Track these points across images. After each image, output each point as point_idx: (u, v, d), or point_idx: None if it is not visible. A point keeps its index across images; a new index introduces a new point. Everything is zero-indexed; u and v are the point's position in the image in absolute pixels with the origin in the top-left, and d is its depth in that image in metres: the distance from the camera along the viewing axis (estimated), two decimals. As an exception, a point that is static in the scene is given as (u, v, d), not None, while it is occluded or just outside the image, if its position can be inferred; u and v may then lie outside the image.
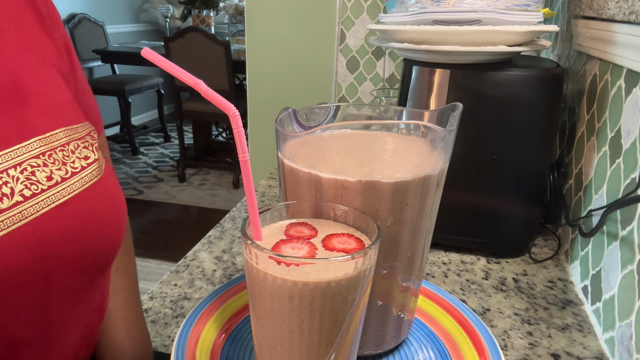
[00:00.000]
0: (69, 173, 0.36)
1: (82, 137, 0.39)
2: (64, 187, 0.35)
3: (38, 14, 0.41)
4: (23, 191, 0.33)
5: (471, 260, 0.71)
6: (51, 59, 0.41)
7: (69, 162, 0.37)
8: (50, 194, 0.34)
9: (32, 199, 0.33)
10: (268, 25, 1.56)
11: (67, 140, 0.38)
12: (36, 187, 0.34)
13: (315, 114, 0.46)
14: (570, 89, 0.79)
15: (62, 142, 0.37)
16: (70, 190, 0.36)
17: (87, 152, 0.39)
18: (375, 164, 0.42)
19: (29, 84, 0.37)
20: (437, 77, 0.66)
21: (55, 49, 0.42)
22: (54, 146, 0.36)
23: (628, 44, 0.55)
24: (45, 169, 0.35)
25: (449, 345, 0.46)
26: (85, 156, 0.39)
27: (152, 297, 0.60)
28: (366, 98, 1.53)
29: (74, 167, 0.37)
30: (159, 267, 2.45)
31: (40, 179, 0.34)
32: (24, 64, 0.37)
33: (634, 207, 0.50)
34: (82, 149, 0.39)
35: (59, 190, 0.35)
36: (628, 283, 0.49)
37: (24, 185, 0.33)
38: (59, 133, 0.37)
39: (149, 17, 4.80)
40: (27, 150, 0.34)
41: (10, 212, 0.32)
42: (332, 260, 0.31)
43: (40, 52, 0.40)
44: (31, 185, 0.33)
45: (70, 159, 0.37)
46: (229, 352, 0.44)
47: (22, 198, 0.33)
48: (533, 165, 0.68)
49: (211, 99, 0.32)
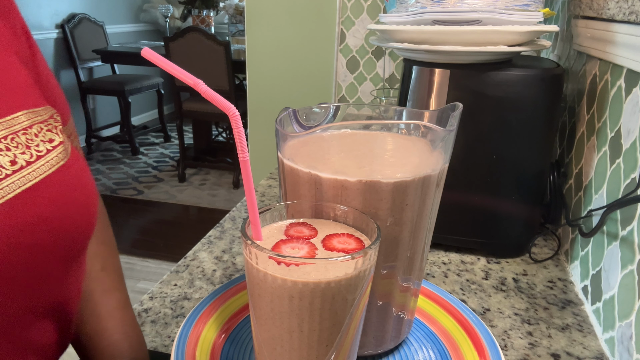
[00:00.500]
0: (34, 157, 0.35)
1: (45, 120, 0.38)
2: (29, 171, 0.34)
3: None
4: None
5: (471, 260, 0.71)
6: (8, 42, 0.39)
7: (33, 146, 0.35)
8: (15, 178, 0.33)
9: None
10: (268, 25, 1.56)
11: (29, 123, 0.36)
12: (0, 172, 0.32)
13: (315, 114, 0.46)
14: (570, 89, 0.79)
15: (24, 126, 0.36)
16: (36, 174, 0.35)
17: (52, 135, 0.38)
18: (375, 164, 0.42)
19: None
20: (437, 77, 0.66)
21: (12, 33, 0.41)
22: (15, 129, 0.35)
23: (628, 44, 0.55)
24: (9, 153, 0.33)
25: (449, 345, 0.46)
26: (50, 139, 0.37)
27: (152, 297, 0.60)
28: (366, 98, 1.53)
29: (38, 150, 0.36)
30: (159, 267, 2.45)
31: (3, 164, 0.33)
32: None
33: (634, 207, 0.50)
34: (45, 132, 0.37)
35: (25, 175, 0.34)
36: (628, 283, 0.49)
37: None
38: (20, 116, 0.36)
39: (149, 17, 4.80)
40: None
41: None
42: (332, 260, 0.31)
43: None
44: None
45: (35, 142, 0.36)
46: (229, 352, 0.44)
47: None
48: (533, 165, 0.68)
49: (211, 99, 0.32)
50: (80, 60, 3.92)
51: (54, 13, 3.80)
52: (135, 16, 4.80)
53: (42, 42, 3.69)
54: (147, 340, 0.52)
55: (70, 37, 3.83)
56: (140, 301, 0.59)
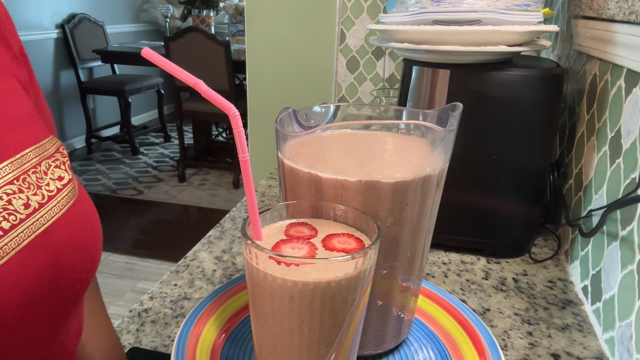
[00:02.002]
0: (45, 197, 0.33)
1: (52, 154, 0.36)
2: (42, 214, 0.32)
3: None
4: (2, 224, 0.29)
5: (471, 260, 0.71)
6: (9, 67, 0.37)
7: (43, 185, 0.33)
8: (29, 223, 0.31)
9: (12, 231, 0.30)
10: (268, 25, 1.56)
11: (37, 160, 0.34)
12: (14, 217, 0.30)
13: (315, 114, 0.46)
14: (570, 89, 0.79)
15: (33, 164, 0.34)
16: (48, 217, 0.33)
17: (60, 172, 0.36)
18: (375, 164, 0.42)
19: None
20: (437, 77, 0.66)
21: (12, 57, 0.38)
22: (26, 168, 0.33)
23: (628, 44, 0.55)
24: (22, 195, 0.31)
25: (449, 345, 0.46)
26: (59, 177, 0.35)
27: (152, 297, 0.60)
28: (366, 98, 1.53)
29: (49, 190, 0.34)
30: (159, 267, 2.45)
31: (17, 208, 0.31)
32: None
33: (634, 207, 0.50)
34: (54, 168, 0.35)
35: (38, 219, 0.32)
36: (628, 283, 0.49)
37: (2, 217, 0.29)
38: (29, 153, 0.34)
39: (149, 17, 4.80)
40: (0, 175, 0.31)
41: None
42: (332, 260, 0.31)
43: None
44: (9, 216, 0.30)
45: (44, 182, 0.34)
46: (229, 352, 0.44)
47: (1, 232, 0.29)
48: (533, 165, 0.68)
49: (211, 99, 0.32)
50: (80, 60, 3.93)
51: (54, 13, 3.80)
52: (135, 16, 4.80)
53: (42, 42, 3.70)
54: (147, 340, 0.52)
55: (70, 37, 3.83)
56: (140, 301, 0.59)
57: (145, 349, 0.50)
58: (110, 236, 2.72)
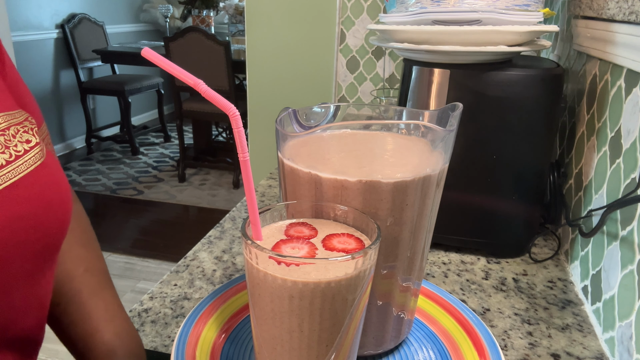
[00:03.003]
0: (13, 156, 0.36)
1: (21, 122, 0.40)
2: (8, 170, 0.35)
3: None
4: None
5: (471, 260, 0.71)
6: None
7: (11, 146, 0.37)
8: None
9: None
10: (268, 25, 1.56)
11: (6, 125, 0.38)
12: None
13: (315, 114, 0.46)
14: (570, 89, 0.79)
15: (2, 127, 0.37)
16: (15, 173, 0.36)
17: (28, 136, 0.39)
18: (375, 164, 0.42)
19: None
20: (437, 77, 0.66)
21: None
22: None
23: (628, 44, 0.55)
24: None
25: (449, 345, 0.46)
26: (27, 140, 0.39)
27: (152, 297, 0.60)
28: (366, 98, 1.53)
29: (17, 150, 0.37)
30: (159, 267, 2.45)
31: None
32: None
33: (634, 207, 0.50)
34: (22, 133, 0.39)
35: (5, 174, 0.35)
36: (628, 283, 0.49)
37: None
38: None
39: (149, 17, 4.80)
40: None
41: None
42: (332, 260, 0.31)
43: None
44: None
45: (13, 143, 0.37)
46: (229, 352, 0.44)
47: None
48: (533, 165, 0.68)
49: (211, 99, 0.32)
50: (80, 60, 3.92)
51: (54, 13, 3.80)
52: (135, 16, 4.80)
53: (42, 42, 3.70)
54: (147, 340, 0.52)
55: (70, 37, 3.83)
56: (140, 301, 0.59)
57: (146, 349, 0.50)
58: (110, 236, 2.72)
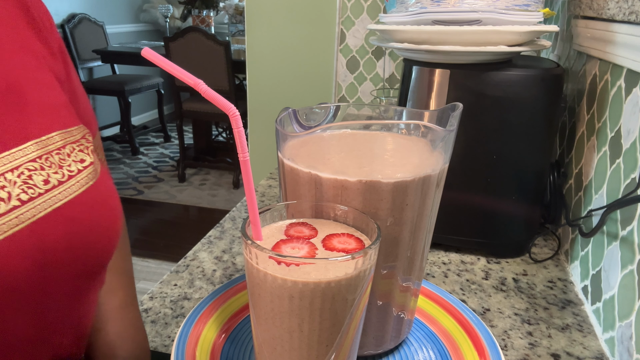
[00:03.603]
0: (66, 176, 0.36)
1: (77, 140, 0.39)
2: (60, 190, 0.35)
3: (30, 19, 0.40)
4: (20, 195, 0.32)
5: (471, 260, 0.71)
6: (46, 61, 0.40)
7: (65, 166, 0.36)
8: (47, 197, 0.34)
9: (29, 203, 0.33)
10: (268, 25, 1.56)
11: (62, 143, 0.37)
12: (33, 190, 0.33)
13: (315, 114, 0.46)
14: (570, 89, 0.79)
15: (58, 146, 0.37)
16: (66, 194, 0.35)
17: (83, 156, 0.39)
18: (375, 164, 0.42)
19: (26, 85, 0.36)
20: (437, 77, 0.66)
21: (50, 52, 0.41)
22: (50, 149, 0.36)
23: (628, 44, 0.55)
24: (42, 172, 0.34)
25: (449, 345, 0.46)
26: (81, 159, 0.38)
27: (152, 297, 0.60)
28: (366, 98, 1.53)
29: (70, 170, 0.37)
30: (159, 267, 2.45)
31: (37, 183, 0.34)
32: (20, 65, 0.37)
33: (634, 207, 0.50)
34: (77, 152, 0.38)
35: (56, 194, 0.35)
36: (628, 283, 0.49)
37: (21, 189, 0.32)
38: (55, 136, 0.37)
39: (149, 17, 4.80)
40: (24, 153, 0.34)
41: (7, 217, 0.31)
42: (332, 260, 0.31)
43: (34, 54, 0.39)
44: (28, 189, 0.33)
45: (67, 162, 0.37)
46: (229, 352, 0.44)
47: (19, 202, 0.32)
48: (533, 165, 0.68)
49: (211, 99, 0.32)
50: (80, 60, 3.92)
51: (54, 13, 3.80)
52: (135, 16, 4.80)
53: (42, 42, 3.69)
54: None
55: (70, 37, 3.83)
56: (140, 301, 0.59)
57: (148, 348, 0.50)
58: (110, 236, 2.71)
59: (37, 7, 0.42)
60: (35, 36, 0.40)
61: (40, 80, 0.38)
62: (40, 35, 0.41)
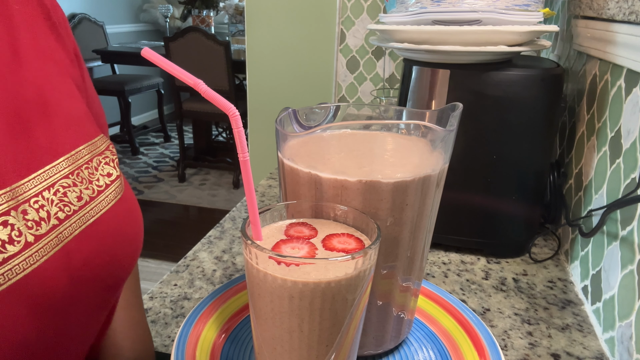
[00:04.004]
0: (95, 192, 0.36)
1: (102, 152, 0.39)
2: (92, 206, 0.35)
3: (50, 20, 0.39)
4: (58, 214, 0.32)
5: (471, 260, 0.71)
6: (66, 68, 0.39)
7: (94, 180, 0.36)
8: (81, 214, 0.33)
9: (67, 221, 0.32)
10: (268, 25, 1.56)
11: (90, 157, 0.37)
12: (69, 208, 0.33)
13: (315, 114, 0.46)
14: (570, 89, 0.79)
15: (86, 160, 0.36)
16: (97, 209, 0.35)
17: (109, 169, 0.38)
18: (375, 164, 0.42)
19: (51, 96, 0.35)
20: (437, 77, 0.66)
21: (68, 57, 0.40)
22: (79, 164, 0.35)
23: (628, 44, 0.55)
24: (75, 188, 0.34)
25: (449, 345, 0.46)
26: (108, 173, 0.38)
27: (152, 297, 0.60)
28: (366, 98, 1.53)
29: (99, 185, 0.36)
30: (159, 267, 2.45)
31: (72, 200, 0.33)
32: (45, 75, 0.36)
33: (634, 207, 0.50)
34: (104, 165, 0.38)
35: (88, 211, 0.34)
36: (628, 283, 0.49)
37: (58, 208, 0.32)
38: (82, 150, 0.36)
39: (149, 17, 4.80)
40: (57, 170, 0.33)
41: (49, 237, 0.31)
42: (332, 260, 0.31)
43: (56, 61, 0.38)
44: (64, 207, 0.32)
45: (95, 177, 0.36)
46: (229, 352, 0.44)
47: (57, 221, 0.32)
48: (533, 165, 0.68)
49: (211, 99, 0.32)
50: (80, 60, 3.92)
51: (54, 13, 3.80)
52: (135, 16, 4.80)
53: (42, 42, 3.69)
54: (147, 340, 0.52)
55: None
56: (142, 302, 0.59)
57: None
58: (110, 236, 2.72)
59: (56, 10, 0.41)
60: (57, 42, 0.39)
61: (63, 89, 0.37)
62: (61, 40, 0.40)
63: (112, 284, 0.38)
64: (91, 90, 0.45)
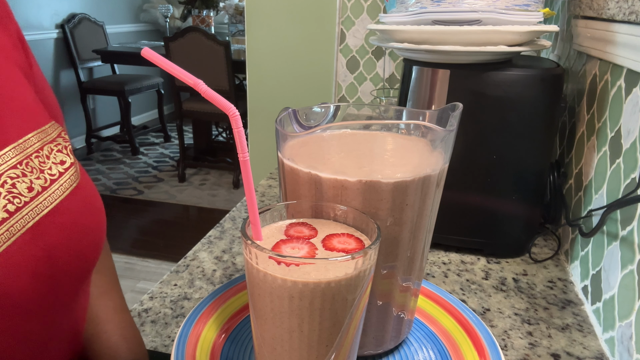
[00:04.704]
0: (48, 181, 0.34)
1: (54, 139, 0.37)
2: (45, 197, 0.33)
3: None
4: (7, 206, 0.30)
5: (471, 260, 0.71)
6: (11, 55, 0.37)
7: (46, 169, 0.34)
8: (33, 206, 0.32)
9: (17, 214, 0.30)
10: (268, 25, 1.56)
11: (40, 145, 0.35)
12: (19, 200, 0.31)
13: (315, 114, 0.46)
14: (570, 89, 0.79)
15: (35, 148, 0.34)
16: (51, 200, 0.33)
17: (62, 156, 0.36)
18: (375, 164, 0.42)
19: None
20: (437, 77, 0.66)
21: (11, 43, 0.38)
22: (28, 153, 0.33)
23: (628, 44, 0.55)
24: (25, 179, 0.32)
25: (449, 345, 0.46)
26: (61, 161, 0.36)
27: (152, 297, 0.60)
28: (366, 98, 1.53)
29: (51, 174, 0.34)
30: (159, 267, 2.45)
31: (21, 191, 0.31)
32: None
33: (634, 207, 0.50)
34: (56, 152, 0.36)
35: (41, 202, 0.32)
36: (628, 283, 0.49)
37: (7, 200, 0.30)
38: (31, 138, 0.34)
39: (149, 17, 4.80)
40: (3, 160, 0.31)
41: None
42: (332, 260, 0.31)
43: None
44: (14, 199, 0.30)
45: (47, 165, 0.34)
46: (229, 352, 0.44)
47: (7, 214, 0.30)
48: (533, 165, 0.68)
49: (211, 99, 0.32)
50: (80, 60, 3.92)
51: (54, 13, 3.80)
52: (135, 16, 4.80)
53: (42, 42, 3.69)
54: (147, 340, 0.52)
55: (70, 37, 3.83)
56: (140, 301, 0.59)
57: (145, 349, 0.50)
58: (110, 236, 2.70)
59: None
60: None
61: (7, 76, 0.35)
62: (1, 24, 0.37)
63: (78, 276, 0.36)
64: (40, 78, 0.42)
